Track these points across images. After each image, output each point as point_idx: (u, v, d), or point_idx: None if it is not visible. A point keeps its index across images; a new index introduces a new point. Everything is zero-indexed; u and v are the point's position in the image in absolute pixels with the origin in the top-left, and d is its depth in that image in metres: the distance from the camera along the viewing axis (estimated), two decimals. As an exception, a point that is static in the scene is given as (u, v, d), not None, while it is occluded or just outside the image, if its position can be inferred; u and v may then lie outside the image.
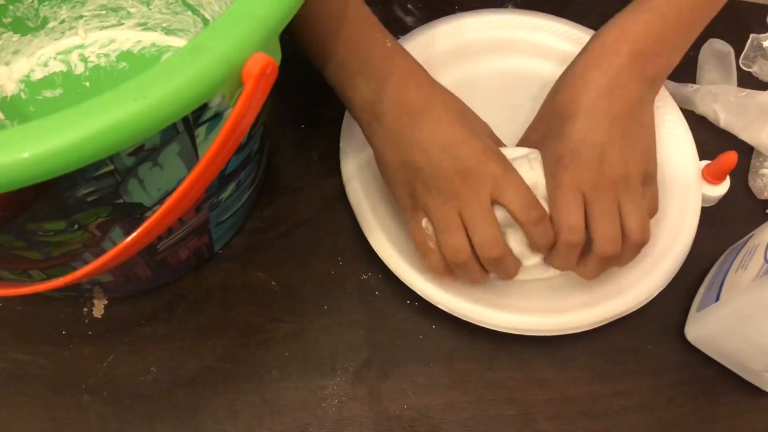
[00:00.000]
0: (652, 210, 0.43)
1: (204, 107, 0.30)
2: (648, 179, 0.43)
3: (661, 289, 0.46)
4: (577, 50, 0.51)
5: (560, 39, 0.54)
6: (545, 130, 0.45)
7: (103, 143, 0.24)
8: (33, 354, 0.44)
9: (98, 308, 0.45)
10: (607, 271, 0.44)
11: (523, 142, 0.48)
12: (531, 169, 0.42)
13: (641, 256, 0.45)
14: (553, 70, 0.53)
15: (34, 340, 0.44)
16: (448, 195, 0.40)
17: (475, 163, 0.40)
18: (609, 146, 0.41)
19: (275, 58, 0.28)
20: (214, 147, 0.27)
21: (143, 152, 0.29)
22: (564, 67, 0.52)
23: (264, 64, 0.26)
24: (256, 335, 0.46)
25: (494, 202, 0.40)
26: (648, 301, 0.46)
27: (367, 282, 0.48)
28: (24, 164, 0.23)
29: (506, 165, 0.41)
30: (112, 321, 0.45)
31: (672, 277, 0.46)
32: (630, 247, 0.41)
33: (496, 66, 0.54)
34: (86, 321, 0.45)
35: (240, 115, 0.27)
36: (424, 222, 0.42)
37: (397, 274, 0.45)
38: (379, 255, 0.46)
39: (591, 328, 0.45)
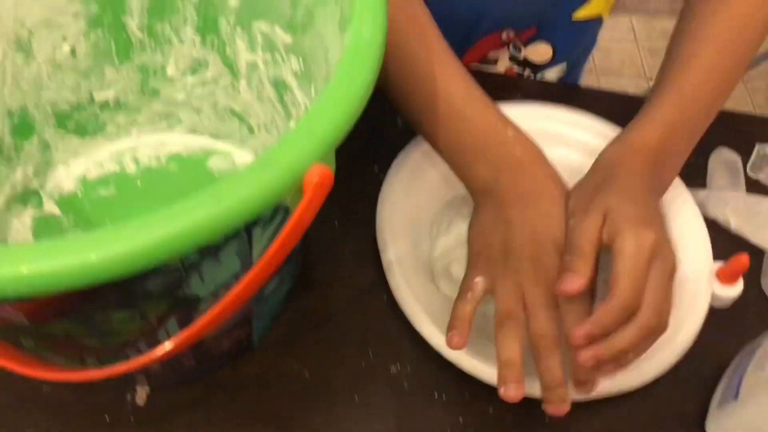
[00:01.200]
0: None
1: (263, 210, 0.33)
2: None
3: (665, 371, 0.48)
4: (586, 136, 0.58)
5: (573, 127, 0.60)
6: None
7: (184, 243, 0.27)
8: (76, 439, 0.46)
9: (141, 396, 0.47)
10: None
11: None
12: None
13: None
14: (566, 155, 0.59)
15: (77, 425, 0.46)
16: (519, 272, 0.44)
17: (546, 255, 0.44)
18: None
19: (331, 168, 0.31)
20: (274, 248, 0.31)
21: (209, 249, 0.32)
22: (572, 151, 0.58)
23: (322, 174, 0.30)
24: (290, 425, 0.47)
25: None
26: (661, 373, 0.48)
27: (396, 375, 0.50)
28: (120, 259, 0.26)
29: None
30: (153, 408, 0.47)
31: (673, 362, 0.48)
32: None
33: None
34: (128, 408, 0.47)
35: (300, 219, 0.30)
36: (478, 278, 0.46)
37: (430, 343, 0.48)
38: (414, 326, 0.49)
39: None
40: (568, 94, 0.67)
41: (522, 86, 0.67)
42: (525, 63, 0.74)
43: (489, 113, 0.49)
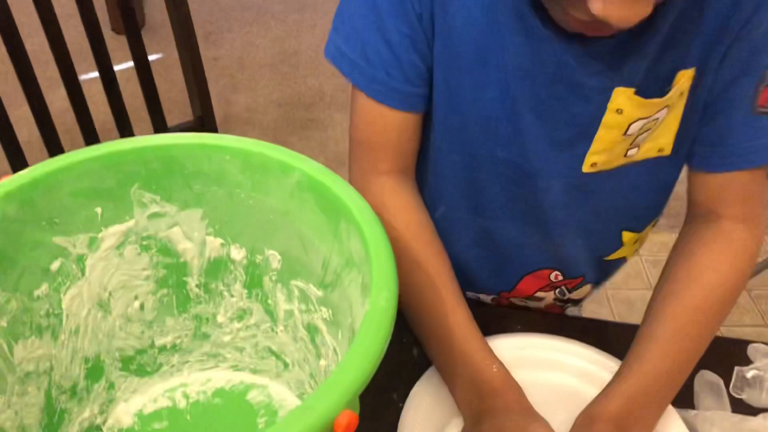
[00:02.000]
0: None
1: (302, 447, 0.41)
2: None
3: None
4: (577, 361, 0.67)
5: (565, 354, 0.68)
6: None
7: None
8: None
9: None
10: None
11: None
12: None
13: None
14: (567, 382, 0.67)
15: None
16: None
17: None
18: None
19: (356, 411, 0.39)
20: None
21: (257, 483, 0.40)
22: (564, 375, 0.66)
23: (349, 418, 0.38)
24: None
25: None
26: None
27: None
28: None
29: None
30: None
31: None
32: None
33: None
34: None
35: (332, 456, 0.38)
36: None
37: None
38: None
39: None
40: (567, 324, 0.75)
41: (522, 316, 0.76)
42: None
43: (478, 352, 0.61)
